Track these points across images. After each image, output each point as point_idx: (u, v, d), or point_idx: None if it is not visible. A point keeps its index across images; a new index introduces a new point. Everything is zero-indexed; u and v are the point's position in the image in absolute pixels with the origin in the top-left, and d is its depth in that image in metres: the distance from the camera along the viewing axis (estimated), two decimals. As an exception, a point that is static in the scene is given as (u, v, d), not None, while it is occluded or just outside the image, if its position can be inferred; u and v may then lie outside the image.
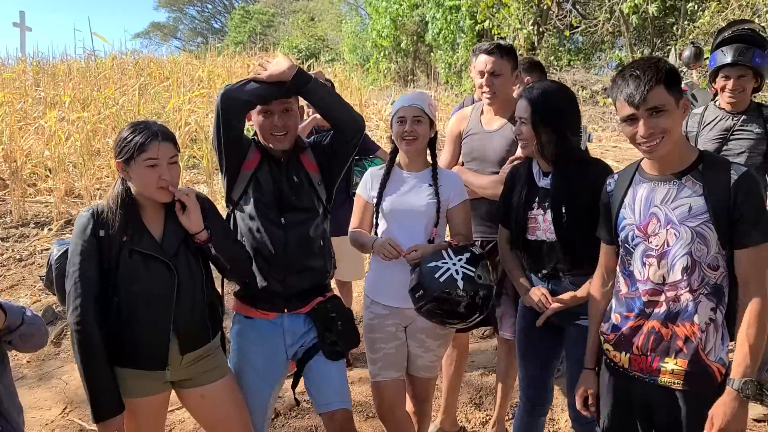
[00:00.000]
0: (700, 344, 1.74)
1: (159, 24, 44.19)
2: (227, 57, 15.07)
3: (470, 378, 3.72)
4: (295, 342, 2.35)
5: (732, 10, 9.10)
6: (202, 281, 2.17)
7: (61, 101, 9.01)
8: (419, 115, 2.44)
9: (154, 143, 2.01)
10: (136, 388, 2.09)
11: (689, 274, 1.74)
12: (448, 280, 2.21)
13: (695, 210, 1.71)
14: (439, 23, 14.25)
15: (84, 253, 2.01)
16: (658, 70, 1.67)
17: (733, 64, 2.94)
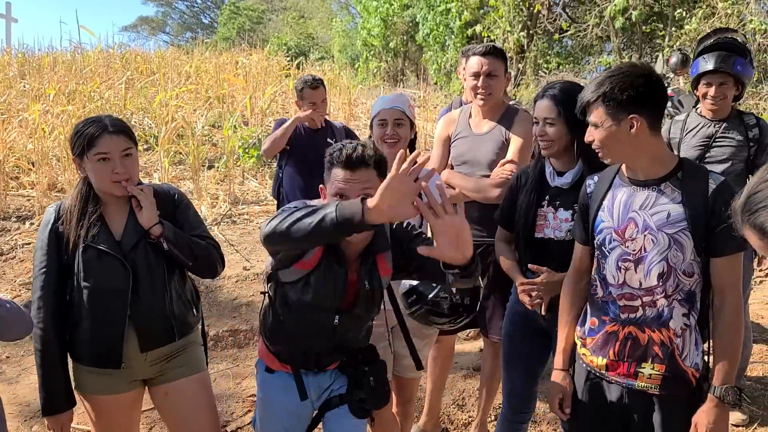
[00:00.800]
0: (677, 350, 1.76)
1: (147, 18, 43.82)
2: (215, 53, 14.96)
3: (454, 379, 3.73)
4: (320, 396, 2.15)
5: (719, 17, 9.20)
6: (163, 278, 2.10)
7: (45, 94, 8.89)
8: (400, 118, 2.46)
9: (104, 137, 1.97)
10: (98, 386, 2.10)
11: (664, 280, 1.76)
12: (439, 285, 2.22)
13: (673, 217, 1.73)
14: (429, 24, 14.26)
15: (44, 249, 2.03)
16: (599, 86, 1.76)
17: (714, 71, 2.98)
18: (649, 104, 1.73)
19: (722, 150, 3.06)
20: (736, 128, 3.06)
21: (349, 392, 2.10)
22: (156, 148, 7.65)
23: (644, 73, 1.75)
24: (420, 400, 3.29)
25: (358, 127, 9.84)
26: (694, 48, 3.27)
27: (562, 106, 2.16)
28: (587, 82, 1.90)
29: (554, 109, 2.17)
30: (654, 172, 1.79)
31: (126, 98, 9.15)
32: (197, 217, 2.26)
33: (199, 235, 2.18)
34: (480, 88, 2.77)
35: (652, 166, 1.79)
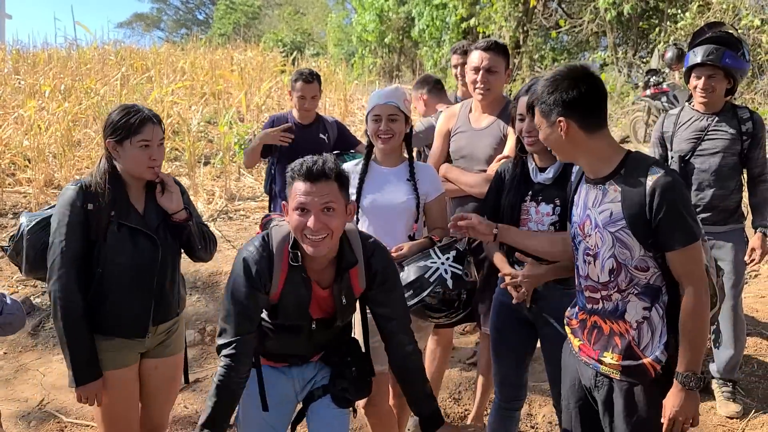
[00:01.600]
0: (633, 341, 1.81)
1: (142, 14, 43.70)
2: (210, 49, 14.93)
3: (450, 373, 3.75)
4: (304, 387, 2.18)
5: (714, 12, 9.21)
6: (176, 257, 2.32)
7: (41, 90, 8.87)
8: (394, 114, 2.46)
9: (148, 126, 2.12)
10: (111, 361, 2.18)
11: (615, 276, 1.80)
12: (437, 279, 2.26)
13: (615, 216, 1.77)
14: (425, 20, 14.25)
15: (71, 225, 2.09)
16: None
17: (702, 64, 3.00)
18: (577, 106, 1.76)
19: (714, 143, 3.08)
20: (728, 121, 3.08)
21: (332, 382, 2.13)
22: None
23: (573, 76, 1.78)
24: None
25: (354, 123, 9.85)
26: (689, 42, 3.28)
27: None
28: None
29: None
30: (598, 171, 1.82)
31: (121, 95, 9.13)
32: (194, 206, 2.45)
33: (199, 222, 2.40)
34: (479, 83, 2.79)
35: (595, 165, 1.82)
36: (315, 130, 3.83)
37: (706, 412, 3.27)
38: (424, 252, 2.33)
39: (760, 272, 5.10)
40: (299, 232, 1.84)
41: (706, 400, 3.34)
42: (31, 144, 6.89)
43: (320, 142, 3.78)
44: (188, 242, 2.31)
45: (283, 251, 1.92)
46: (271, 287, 1.92)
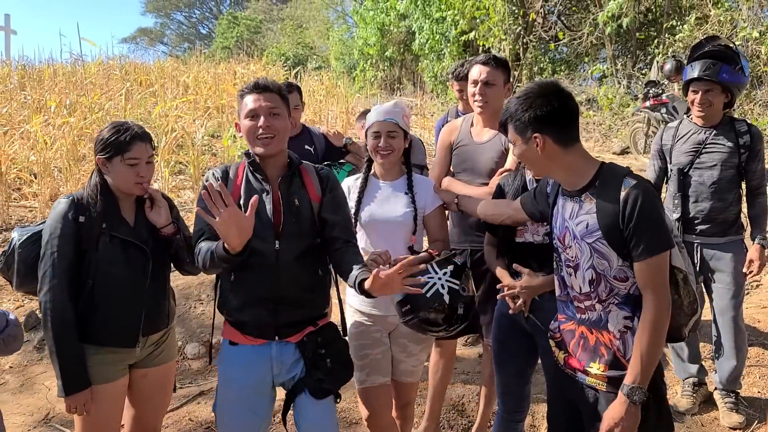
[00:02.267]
0: (618, 351, 1.83)
1: (146, 29, 44.02)
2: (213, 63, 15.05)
3: (454, 384, 3.76)
4: (282, 372, 2.20)
5: (712, 24, 9.29)
6: (166, 269, 2.39)
7: (46, 106, 8.96)
8: (393, 130, 2.50)
9: (137, 144, 2.20)
10: (99, 375, 2.20)
11: (595, 286, 1.83)
12: (434, 295, 2.25)
13: (591, 227, 1.79)
14: (425, 33, 14.36)
15: (63, 237, 2.14)
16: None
17: (699, 78, 3.04)
18: (551, 122, 1.80)
19: (712, 156, 3.11)
20: (726, 134, 3.11)
21: (308, 374, 2.17)
22: (156, 158, 7.68)
23: (547, 93, 1.82)
24: (420, 405, 3.33)
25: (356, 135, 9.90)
26: (687, 55, 3.32)
27: None
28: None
29: None
30: (574, 183, 1.86)
31: (126, 109, 9.21)
32: (183, 221, 2.49)
33: (187, 236, 2.42)
34: (477, 95, 2.83)
35: (570, 178, 1.86)
36: (301, 141, 3.85)
37: (709, 423, 3.28)
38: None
39: (761, 283, 5.12)
40: (251, 135, 2.12)
41: (710, 410, 3.35)
42: (37, 159, 6.96)
43: (306, 154, 3.81)
44: (176, 255, 2.36)
45: (239, 165, 2.24)
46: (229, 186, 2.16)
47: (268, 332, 2.16)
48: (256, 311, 2.14)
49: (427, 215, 2.58)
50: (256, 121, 2.11)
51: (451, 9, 12.94)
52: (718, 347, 3.28)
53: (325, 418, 2.19)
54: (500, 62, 2.86)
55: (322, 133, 4.02)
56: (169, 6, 42.88)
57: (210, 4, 43.78)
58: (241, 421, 2.19)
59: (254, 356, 2.18)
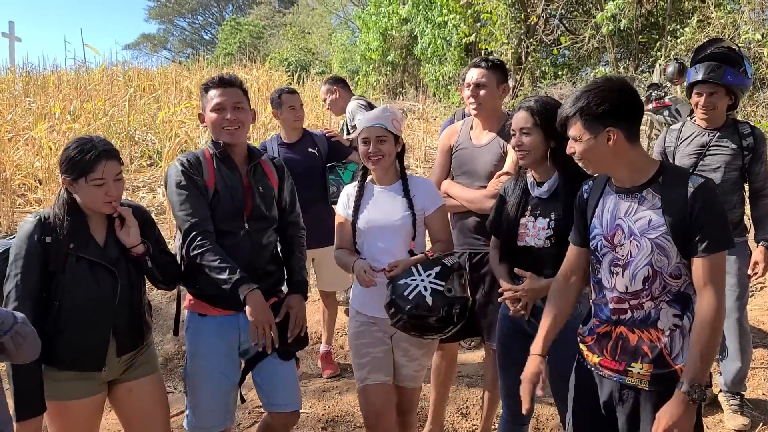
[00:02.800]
0: (665, 349, 1.82)
1: (149, 35, 44.20)
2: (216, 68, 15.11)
3: (457, 388, 3.77)
4: (248, 340, 2.40)
5: (714, 27, 9.28)
6: (140, 287, 2.32)
7: (51, 112, 9.00)
8: (382, 135, 2.50)
9: (101, 163, 2.11)
10: (70, 390, 2.16)
11: (650, 284, 1.82)
12: (416, 296, 2.27)
13: (654, 223, 1.79)
14: (427, 38, 14.39)
15: (28, 257, 2.10)
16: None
17: (704, 81, 3.04)
18: (624, 117, 1.80)
19: (715, 158, 3.12)
20: (729, 137, 3.12)
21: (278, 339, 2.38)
22: (159, 164, 7.74)
23: (619, 87, 1.82)
24: (423, 409, 3.33)
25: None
26: (690, 57, 3.33)
27: (538, 116, 2.26)
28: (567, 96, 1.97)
29: (530, 118, 2.27)
30: (635, 180, 1.86)
31: (130, 115, 9.25)
32: (159, 232, 2.45)
33: (161, 251, 2.39)
34: (470, 97, 2.86)
35: (632, 174, 1.86)
36: (303, 145, 3.88)
37: (714, 426, 3.27)
38: (408, 269, 2.35)
39: (766, 285, 5.11)
40: (218, 127, 2.36)
41: (714, 413, 3.34)
42: (42, 165, 6.99)
43: (311, 156, 3.84)
44: (148, 274, 2.33)
45: (204, 151, 2.44)
46: (203, 173, 2.36)
47: (237, 303, 2.30)
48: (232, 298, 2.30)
49: (428, 216, 2.58)
50: (222, 113, 2.36)
51: (452, 13, 12.97)
52: (722, 349, 3.28)
53: (292, 376, 2.52)
54: (493, 64, 2.88)
55: (324, 134, 4.05)
56: (172, 12, 43.06)
57: (213, 10, 43.97)
58: (217, 388, 2.40)
59: (225, 326, 2.41)
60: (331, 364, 4.11)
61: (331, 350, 4.23)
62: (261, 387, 2.51)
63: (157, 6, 43.06)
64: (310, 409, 3.64)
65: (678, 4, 10.70)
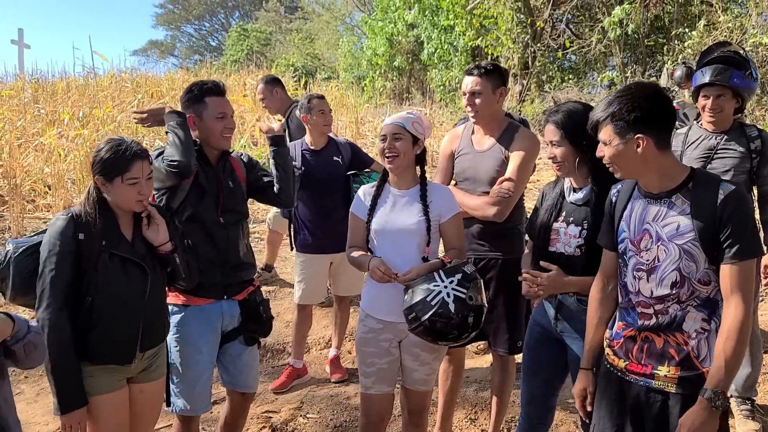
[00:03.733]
0: (692, 352, 1.81)
1: (157, 42, 44.52)
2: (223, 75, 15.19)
3: (466, 393, 3.76)
4: (228, 325, 2.65)
5: (721, 31, 9.27)
6: (163, 284, 2.41)
7: (60, 118, 9.07)
8: (399, 133, 2.50)
9: (137, 163, 2.18)
10: (100, 385, 2.22)
11: (678, 288, 1.81)
12: (439, 303, 2.26)
13: (682, 228, 1.79)
14: (434, 43, 14.43)
15: (62, 254, 2.14)
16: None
17: (711, 83, 3.03)
18: (655, 124, 1.80)
19: (723, 162, 3.10)
20: (737, 140, 3.10)
21: (243, 325, 2.67)
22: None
23: (651, 94, 1.82)
24: (432, 414, 3.32)
25: (365, 144, 9.95)
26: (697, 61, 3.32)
27: (564, 129, 2.25)
28: (595, 100, 1.97)
29: (558, 131, 2.27)
30: (664, 186, 1.85)
31: (138, 121, 9.29)
32: (179, 232, 2.51)
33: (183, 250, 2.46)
34: (467, 106, 2.88)
35: (661, 180, 1.85)
36: (328, 153, 3.90)
37: (724, 431, 3.25)
38: (429, 275, 2.35)
39: (775, 290, 5.07)
40: (218, 134, 2.59)
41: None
42: (51, 171, 7.04)
43: (335, 165, 3.85)
44: (173, 272, 2.39)
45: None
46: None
47: (218, 292, 2.60)
48: (209, 275, 2.56)
49: (443, 223, 2.56)
50: (224, 122, 2.59)
51: (458, 18, 13.00)
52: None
53: (254, 360, 2.78)
54: (486, 70, 2.87)
55: (348, 143, 4.07)
56: (180, 19, 43.37)
57: (220, 16, 44.25)
58: (203, 373, 2.60)
59: (209, 313, 2.60)
60: (339, 368, 4.11)
61: (340, 355, 4.23)
62: (226, 367, 2.72)
63: (165, 12, 43.39)
64: (319, 414, 3.64)
65: (685, 8, 10.68)
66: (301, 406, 3.73)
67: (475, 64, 2.92)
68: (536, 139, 2.93)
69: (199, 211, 2.57)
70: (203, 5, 42.68)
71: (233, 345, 2.68)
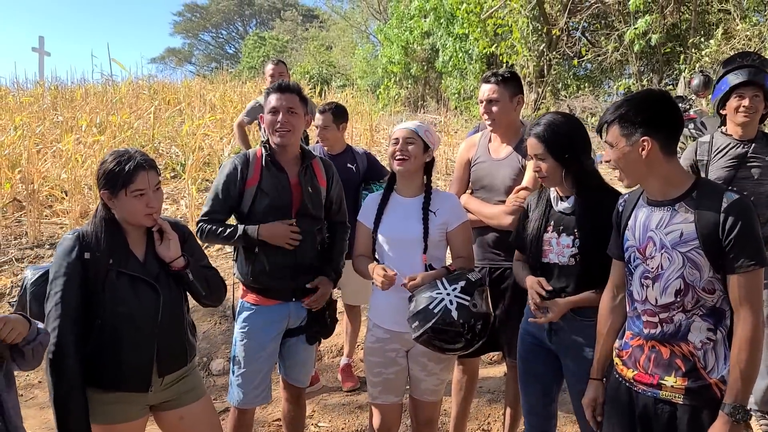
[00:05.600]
0: (699, 362, 1.79)
1: (174, 49, 45.03)
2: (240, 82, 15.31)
3: (479, 404, 3.72)
4: (295, 321, 2.73)
5: (739, 39, 9.17)
6: (181, 304, 2.25)
7: (78, 125, 9.18)
8: (411, 137, 2.51)
9: (141, 174, 2.07)
10: (115, 414, 2.09)
11: (682, 296, 1.79)
12: (442, 310, 2.26)
13: (686, 236, 1.77)
14: (449, 51, 14.43)
15: (68, 275, 2.05)
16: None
17: (748, 82, 2.99)
18: (662, 128, 1.80)
19: (754, 170, 3.03)
20: (764, 148, 3.06)
21: (308, 324, 2.74)
22: (183, 176, 7.83)
23: (661, 99, 1.84)
24: (444, 425, 3.29)
25: (380, 152, 9.95)
26: (715, 70, 3.28)
27: (545, 142, 2.25)
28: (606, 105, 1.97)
29: (540, 145, 2.26)
30: (668, 193, 1.84)
31: (154, 127, 9.40)
32: (201, 248, 2.42)
33: (204, 266, 2.34)
34: (484, 114, 2.86)
35: (665, 187, 1.84)
36: (343, 160, 3.91)
37: (743, 447, 3.18)
38: (432, 283, 2.35)
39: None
40: (271, 128, 2.60)
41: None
42: (69, 177, 7.12)
43: (349, 171, 3.86)
44: (190, 289, 2.27)
45: (257, 150, 2.70)
46: (249, 172, 2.61)
47: (287, 295, 2.67)
48: (279, 278, 2.63)
49: (450, 232, 2.55)
50: (276, 116, 2.59)
51: (472, 27, 12.99)
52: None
53: (309, 358, 2.86)
54: (503, 77, 2.86)
55: (365, 153, 4.08)
56: (197, 27, 43.86)
57: (237, 24, 44.69)
58: (262, 365, 2.68)
59: (277, 313, 2.68)
60: (351, 377, 4.10)
61: (352, 363, 4.21)
62: (283, 360, 2.81)
63: (183, 21, 43.91)
64: (330, 423, 3.63)
65: (702, 16, 10.59)
66: (312, 415, 3.71)
67: (493, 72, 2.90)
68: None
69: (266, 212, 2.61)
70: (221, 14, 43.14)
71: (294, 341, 2.75)
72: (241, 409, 2.71)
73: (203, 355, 4.51)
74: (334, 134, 3.94)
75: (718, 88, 3.14)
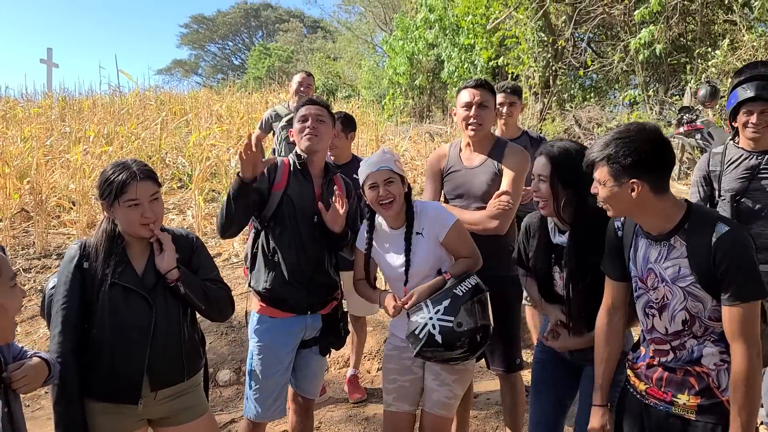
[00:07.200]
0: (712, 382, 1.78)
1: (181, 61, 45.40)
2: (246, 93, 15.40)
3: (486, 415, 3.69)
4: (311, 333, 2.74)
5: (746, 50, 9.16)
6: (179, 319, 2.20)
7: (85, 136, 9.24)
8: (389, 177, 2.47)
9: (133, 184, 2.07)
10: (104, 425, 2.09)
11: (690, 326, 1.79)
12: (426, 335, 2.31)
13: (683, 272, 1.76)
14: (454, 62, 14.48)
15: (68, 284, 2.08)
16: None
17: (755, 98, 2.97)
18: (652, 170, 1.76)
19: (767, 182, 3.02)
20: None
21: (322, 336, 2.76)
22: (190, 186, 7.86)
23: (651, 139, 1.77)
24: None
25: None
26: (722, 80, 3.26)
27: (555, 165, 2.21)
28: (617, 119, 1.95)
29: (548, 166, 2.22)
30: (663, 227, 1.82)
31: (161, 138, 9.45)
32: (211, 261, 2.39)
33: (212, 279, 2.31)
34: (471, 118, 2.85)
35: (659, 222, 1.82)
36: (349, 170, 3.91)
37: (755, 460, 3.14)
38: (418, 306, 2.38)
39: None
40: (300, 134, 2.70)
41: (755, 447, 3.21)
42: (76, 187, 7.16)
43: (355, 181, 3.86)
44: (185, 302, 2.22)
45: (285, 159, 2.75)
46: (276, 177, 2.66)
47: (302, 308, 2.68)
48: (295, 293, 2.63)
49: (443, 240, 2.52)
50: (305, 123, 2.70)
51: (477, 38, 13.04)
52: (764, 380, 3.16)
53: (320, 370, 2.87)
54: (488, 86, 2.93)
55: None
56: (204, 38, 44.21)
57: (243, 36, 45.02)
58: (280, 381, 2.67)
59: (293, 326, 2.69)
60: (358, 388, 4.08)
61: (358, 374, 4.19)
62: (294, 371, 2.78)
63: (189, 32, 44.27)
64: (337, 434, 3.60)
65: (708, 26, 10.59)
66: (319, 426, 3.69)
67: (482, 79, 2.97)
68: (526, 154, 2.94)
69: (290, 218, 2.63)
70: (227, 25, 43.48)
71: (307, 352, 2.76)
72: (255, 423, 2.70)
73: (209, 366, 4.50)
74: (342, 143, 3.94)
75: (728, 101, 3.12)
